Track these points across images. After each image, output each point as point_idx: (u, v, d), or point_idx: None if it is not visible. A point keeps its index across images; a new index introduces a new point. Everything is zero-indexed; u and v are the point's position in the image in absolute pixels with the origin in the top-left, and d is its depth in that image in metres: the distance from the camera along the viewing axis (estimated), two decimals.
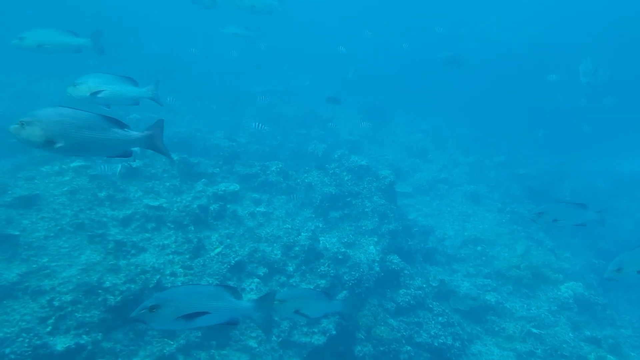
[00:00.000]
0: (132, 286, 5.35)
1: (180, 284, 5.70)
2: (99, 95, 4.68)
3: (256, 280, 6.42)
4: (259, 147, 13.81)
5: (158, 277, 5.57)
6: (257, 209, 8.39)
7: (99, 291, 5.22)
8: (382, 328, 6.46)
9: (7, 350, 4.52)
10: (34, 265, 5.51)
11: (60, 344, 4.79)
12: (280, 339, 5.94)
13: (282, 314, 4.35)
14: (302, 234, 7.29)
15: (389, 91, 22.31)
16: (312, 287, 6.59)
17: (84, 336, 4.92)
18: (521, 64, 25.88)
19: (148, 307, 3.06)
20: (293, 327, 6.16)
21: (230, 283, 6.15)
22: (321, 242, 7.33)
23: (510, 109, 23.21)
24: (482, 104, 23.06)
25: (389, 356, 6.33)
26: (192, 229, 6.91)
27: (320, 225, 8.17)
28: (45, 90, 15.09)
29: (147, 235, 6.51)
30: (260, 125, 11.10)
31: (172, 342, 5.29)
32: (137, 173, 8.11)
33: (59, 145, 3.05)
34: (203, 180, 8.41)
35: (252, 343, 5.73)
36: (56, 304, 5.06)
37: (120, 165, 7.98)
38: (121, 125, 3.27)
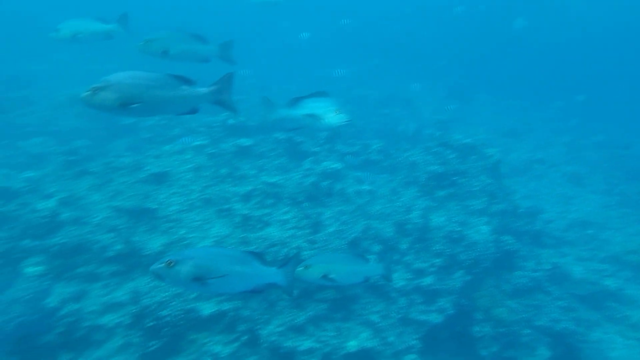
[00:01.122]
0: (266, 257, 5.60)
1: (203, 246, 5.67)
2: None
3: (372, 257, 6.51)
4: (345, 128, 13.87)
5: (285, 250, 5.79)
6: (362, 187, 8.46)
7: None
8: (501, 309, 6.35)
9: (164, 313, 4.92)
10: (174, 237, 5.92)
11: (207, 309, 5.14)
12: (400, 316, 6.02)
13: (308, 281, 4.20)
14: (413, 212, 7.29)
15: (470, 72, 21.54)
16: (426, 264, 6.59)
17: (225, 303, 5.24)
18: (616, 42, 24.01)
19: (166, 261, 2.92)
20: (410, 305, 6.22)
21: None
22: (433, 220, 7.29)
23: (605, 88, 21.68)
24: (570, 85, 21.71)
25: (509, 338, 6.23)
26: (307, 205, 7.10)
27: (429, 204, 8.11)
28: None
29: (267, 210, 6.77)
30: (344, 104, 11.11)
31: (301, 313, 5.51)
32: (247, 152, 8.43)
33: (133, 106, 3.10)
34: (310, 158, 8.58)
35: (374, 318, 5.84)
36: None
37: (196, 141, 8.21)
38: (189, 82, 3.32)
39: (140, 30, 5.92)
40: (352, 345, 5.28)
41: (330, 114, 4.35)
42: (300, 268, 4.09)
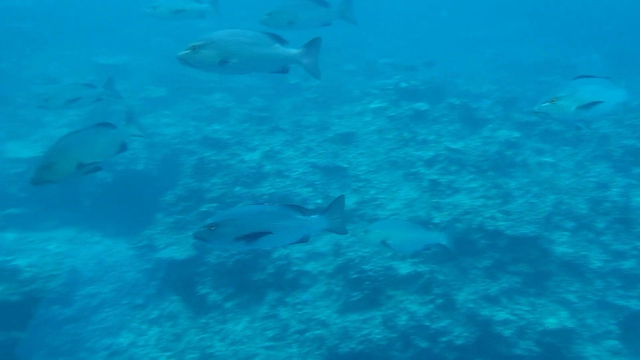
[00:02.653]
0: (458, 225, 5.60)
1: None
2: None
3: (566, 233, 6.16)
4: (501, 95, 13.05)
5: (480, 219, 5.71)
6: (543, 159, 7.97)
7: (430, 226, 5.59)
8: None
9: (367, 267, 5.19)
10: (366, 196, 6.15)
11: (403, 268, 5.32)
12: (597, 298, 5.67)
13: (367, 245, 4.22)
14: (611, 189, 6.70)
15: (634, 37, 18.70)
16: (627, 247, 6.08)
17: (420, 265, 5.37)
18: None
19: (208, 224, 2.96)
20: (608, 288, 5.82)
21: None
22: (635, 200, 6.64)
23: None
24: None
25: None
26: (492, 174, 6.90)
27: (629, 181, 7.39)
28: None
29: (451, 177, 6.71)
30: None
31: (494, 284, 5.45)
32: (423, 116, 8.35)
33: (231, 62, 3.20)
34: (489, 125, 8.26)
35: (571, 297, 5.58)
36: None
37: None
38: (281, 41, 3.35)
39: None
40: (551, 322, 5.12)
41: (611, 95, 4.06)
42: (361, 233, 4.21)
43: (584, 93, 3.79)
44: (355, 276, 5.19)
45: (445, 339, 5.00)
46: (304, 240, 3.11)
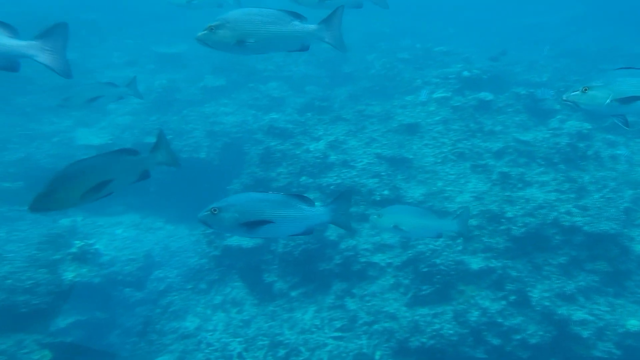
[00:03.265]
0: (531, 220, 5.41)
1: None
2: None
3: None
4: (564, 84, 12.46)
5: (555, 214, 5.50)
6: (617, 152, 7.57)
7: (502, 220, 5.43)
8: None
9: (438, 261, 5.10)
10: (434, 188, 6.03)
11: (474, 263, 5.20)
12: None
13: (380, 229, 4.33)
14: None
15: None
16: None
17: (492, 260, 5.23)
18: None
19: (210, 209, 2.93)
20: None
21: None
22: None
23: None
24: None
25: None
26: (563, 167, 6.62)
27: None
28: None
29: (520, 169, 6.48)
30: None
31: (570, 282, 5.25)
32: (487, 106, 8.10)
33: (249, 42, 3.11)
34: (558, 116, 7.92)
35: None
36: None
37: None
38: (300, 17, 3.23)
39: None
40: (633, 324, 4.88)
41: None
42: (374, 216, 4.21)
43: (622, 85, 3.34)
44: (425, 269, 5.12)
45: (518, 336, 4.87)
46: (308, 232, 3.08)
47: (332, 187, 6.07)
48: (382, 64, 11.91)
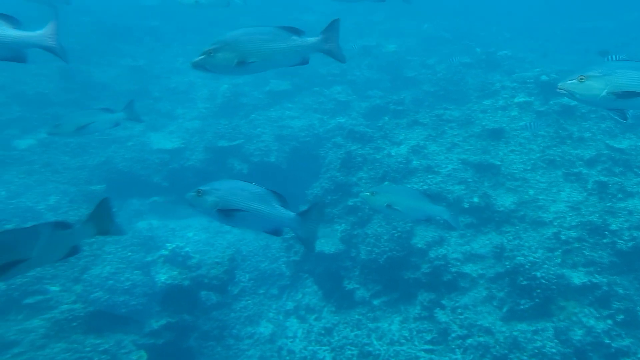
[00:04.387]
0: (637, 233, 5.03)
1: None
2: None
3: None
4: None
5: None
6: None
7: (605, 233, 5.08)
8: None
9: (538, 274, 4.81)
10: (525, 197, 5.73)
11: (576, 278, 4.87)
12: None
13: (374, 207, 4.27)
14: None
15: None
16: None
17: (596, 275, 4.88)
18: None
19: (196, 190, 3.04)
20: None
21: None
22: None
23: None
24: None
25: None
26: None
27: None
28: None
29: (616, 179, 6.08)
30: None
31: None
32: (571, 111, 7.69)
33: (251, 62, 3.07)
34: None
35: None
36: (563, 237, 5.15)
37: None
38: (298, 32, 3.18)
39: None
40: None
41: None
42: (367, 194, 4.19)
43: (621, 78, 3.07)
44: (525, 282, 4.83)
45: None
46: (277, 233, 3.12)
47: None
48: (444, 68, 11.64)
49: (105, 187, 7.26)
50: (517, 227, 5.50)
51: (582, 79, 3.14)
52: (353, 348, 5.03)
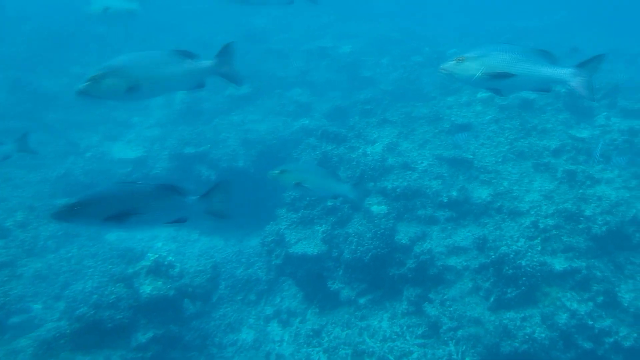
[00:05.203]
0: (609, 218, 5.26)
1: None
2: None
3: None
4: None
5: (634, 211, 5.36)
6: None
7: (581, 218, 5.28)
8: None
9: (523, 263, 4.92)
10: (500, 188, 5.87)
11: (557, 264, 5.02)
12: None
13: (283, 185, 4.33)
14: None
15: None
16: None
17: (575, 260, 5.06)
18: None
19: (69, 205, 2.72)
20: None
21: None
22: None
23: None
24: None
25: None
26: (624, 165, 6.50)
27: None
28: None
29: (582, 167, 6.35)
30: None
31: None
32: (531, 105, 7.99)
33: (142, 88, 2.95)
34: (604, 113, 7.83)
35: None
36: (541, 226, 5.30)
37: None
38: (192, 56, 3.15)
39: None
40: None
41: None
42: (276, 172, 4.20)
43: (494, 60, 3.31)
44: (510, 272, 4.93)
45: (610, 339, 4.68)
46: (181, 221, 3.04)
47: (399, 189, 5.89)
48: (399, 67, 11.88)
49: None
50: (496, 218, 5.63)
51: (460, 60, 3.30)
52: (347, 347, 4.96)
